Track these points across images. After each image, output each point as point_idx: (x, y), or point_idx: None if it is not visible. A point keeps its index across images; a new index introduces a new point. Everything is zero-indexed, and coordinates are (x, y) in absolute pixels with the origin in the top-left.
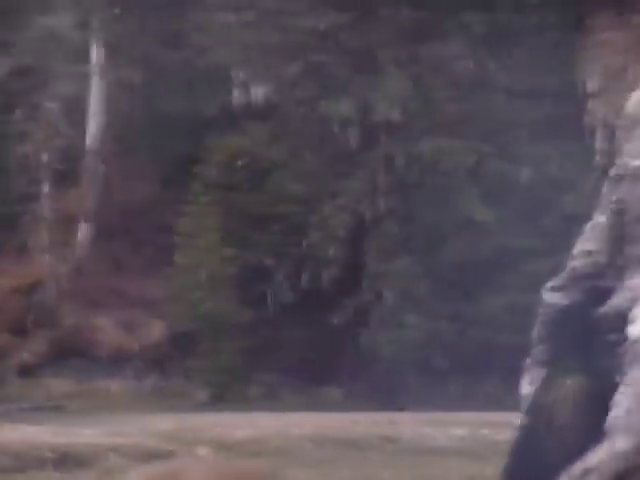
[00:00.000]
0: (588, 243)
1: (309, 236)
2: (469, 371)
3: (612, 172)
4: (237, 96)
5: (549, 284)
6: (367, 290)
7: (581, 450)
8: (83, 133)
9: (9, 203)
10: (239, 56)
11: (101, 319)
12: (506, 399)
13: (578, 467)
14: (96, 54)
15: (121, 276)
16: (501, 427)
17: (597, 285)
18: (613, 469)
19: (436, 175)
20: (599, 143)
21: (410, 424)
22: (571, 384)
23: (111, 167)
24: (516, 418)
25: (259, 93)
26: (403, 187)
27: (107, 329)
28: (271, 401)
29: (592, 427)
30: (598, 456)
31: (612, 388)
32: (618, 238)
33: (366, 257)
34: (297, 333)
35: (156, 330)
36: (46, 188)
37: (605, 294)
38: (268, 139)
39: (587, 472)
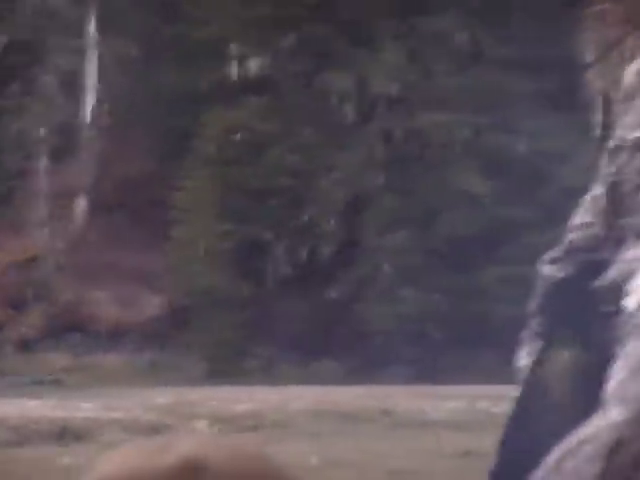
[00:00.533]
0: (585, 215)
1: (306, 210)
2: (465, 344)
3: (610, 144)
4: (233, 70)
5: (545, 256)
6: (364, 264)
7: (577, 422)
8: (80, 107)
9: (6, 178)
10: (235, 29)
11: (99, 293)
12: (502, 372)
13: (573, 438)
14: (92, 28)
15: (118, 250)
16: (497, 400)
17: (594, 258)
18: (608, 440)
19: (433, 148)
20: (597, 115)
21: (406, 397)
22: (567, 357)
23: (108, 141)
24: (512, 391)
25: (255, 66)
26: (400, 161)
27: (105, 303)
28: (268, 375)
29: (588, 399)
30: (593, 427)
31: (608, 361)
32: (615, 210)
33: (363, 231)
34: (295, 307)
35: (154, 304)
36: (43, 162)
37: (602, 267)
38: (264, 113)
39: (582, 443)
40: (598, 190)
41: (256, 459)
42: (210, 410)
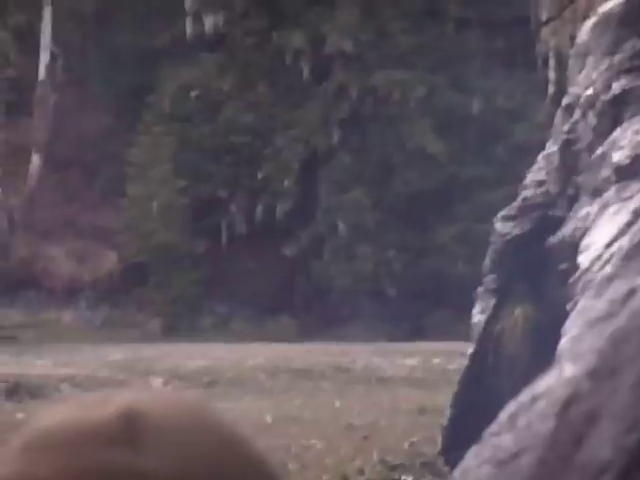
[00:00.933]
0: (540, 173)
1: (262, 168)
2: (421, 301)
3: (564, 102)
4: (189, 27)
5: (500, 214)
6: (320, 222)
7: (530, 377)
8: (35, 63)
9: None
10: None
11: (53, 250)
12: (457, 329)
13: (526, 394)
14: None
15: (73, 207)
16: (452, 356)
17: (548, 215)
18: (561, 395)
19: (389, 106)
20: (551, 73)
21: (362, 354)
22: (520, 313)
23: (63, 98)
24: (467, 347)
25: (210, 24)
26: (356, 119)
27: (59, 260)
28: (224, 332)
29: (541, 355)
30: (546, 382)
31: (562, 317)
32: (569, 168)
33: (319, 189)
34: (250, 264)
35: (109, 261)
36: None
37: (556, 224)
38: (220, 70)
39: (535, 399)
40: (553, 148)
41: (198, 411)
42: (165, 367)
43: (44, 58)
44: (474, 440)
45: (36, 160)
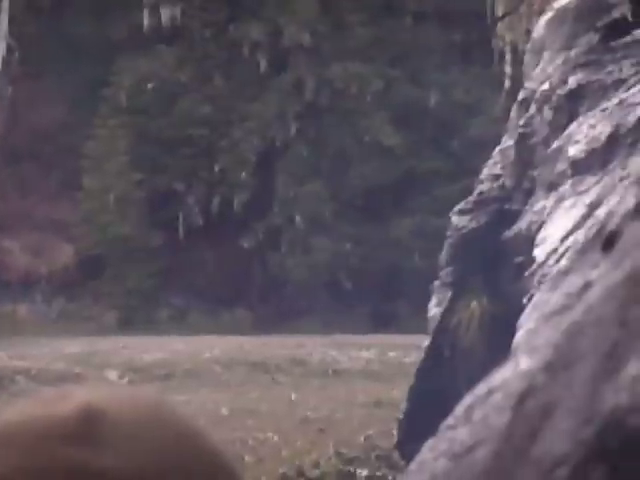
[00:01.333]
0: (496, 167)
1: (219, 160)
2: (377, 294)
3: (520, 96)
4: (145, 19)
5: (457, 207)
6: (277, 214)
7: (486, 371)
8: None
9: None
10: None
11: (9, 242)
12: (414, 322)
13: (482, 387)
14: None
15: (29, 199)
16: (408, 349)
17: (504, 208)
18: (517, 388)
19: (346, 99)
20: (507, 67)
21: (318, 347)
22: (476, 306)
23: (19, 90)
24: (423, 340)
25: (167, 16)
26: (313, 111)
27: (15, 253)
28: (180, 324)
29: (497, 348)
30: (502, 375)
31: (518, 310)
32: (525, 162)
33: (276, 181)
34: (207, 257)
35: (64, 254)
36: None
37: (512, 217)
38: (176, 62)
39: (491, 392)
40: (509, 142)
41: (154, 407)
42: (121, 360)
43: (0, 50)
44: (430, 433)
45: None
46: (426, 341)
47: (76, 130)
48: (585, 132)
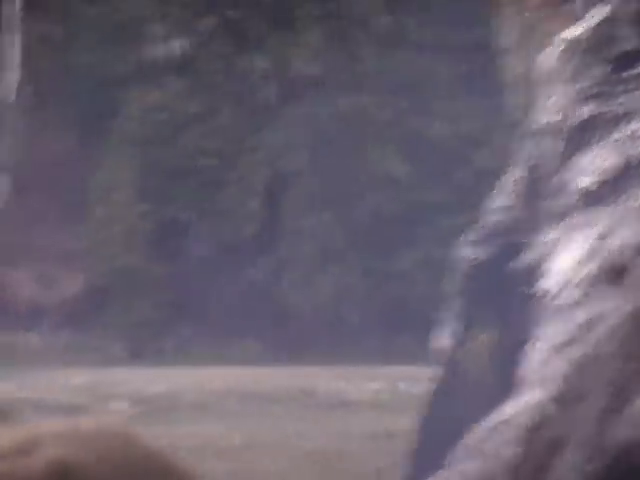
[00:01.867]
0: (503, 198)
1: (227, 191)
2: (385, 325)
3: (526, 128)
4: (154, 51)
5: (466, 238)
6: (285, 245)
7: (495, 403)
8: (2, 87)
9: None
10: (155, 10)
11: (17, 273)
12: (421, 353)
13: (492, 419)
14: (16, 7)
15: (38, 230)
16: (417, 380)
17: (511, 240)
18: (527, 420)
19: (354, 130)
20: (513, 99)
21: (326, 378)
22: (485, 338)
23: (30, 121)
24: (431, 372)
25: (175, 47)
26: (321, 142)
27: (23, 283)
28: (188, 355)
29: (506, 381)
30: (512, 408)
31: (526, 342)
32: (535, 193)
33: (285, 212)
34: (215, 288)
35: (72, 284)
36: None
37: (519, 249)
38: (185, 93)
39: (501, 424)
40: (516, 173)
41: (125, 449)
42: (128, 391)
43: (10, 81)
44: (440, 466)
45: (4, 182)
46: (435, 372)
47: (85, 161)
48: (596, 163)
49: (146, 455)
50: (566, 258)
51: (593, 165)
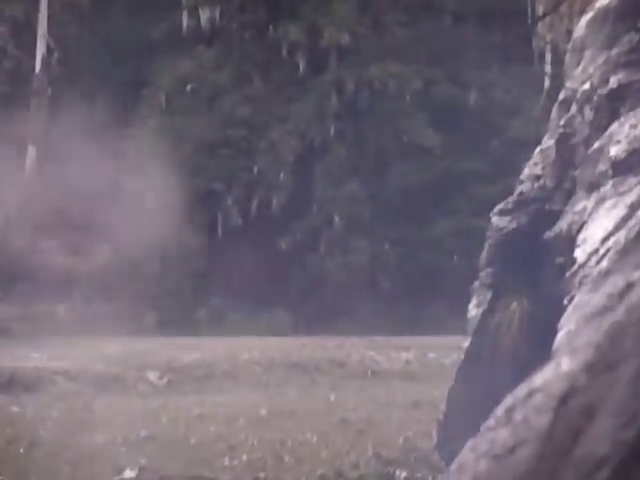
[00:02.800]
0: (536, 167)
1: (258, 161)
2: (416, 295)
3: (560, 96)
4: (185, 20)
5: (497, 208)
6: (315, 215)
7: (526, 372)
8: (32, 56)
9: None
10: None
11: (47, 242)
12: (453, 323)
13: (523, 388)
14: None
15: (69, 199)
16: (448, 350)
17: (545, 209)
18: (558, 389)
19: (385, 100)
20: (548, 67)
21: (357, 348)
22: (516, 307)
23: (58, 90)
24: (463, 341)
25: (206, 17)
26: (352, 112)
27: (54, 253)
28: (219, 325)
29: (538, 349)
30: (543, 377)
31: (559, 311)
32: (566, 162)
33: (314, 182)
34: (246, 258)
35: (104, 254)
36: None
37: (553, 218)
38: (216, 63)
39: (532, 393)
40: (549, 142)
41: None
42: (160, 360)
43: (40, 50)
44: (470, 435)
45: (32, 152)
46: (466, 342)
47: (115, 130)
48: (626, 132)
49: None
50: (597, 227)
51: (623, 134)
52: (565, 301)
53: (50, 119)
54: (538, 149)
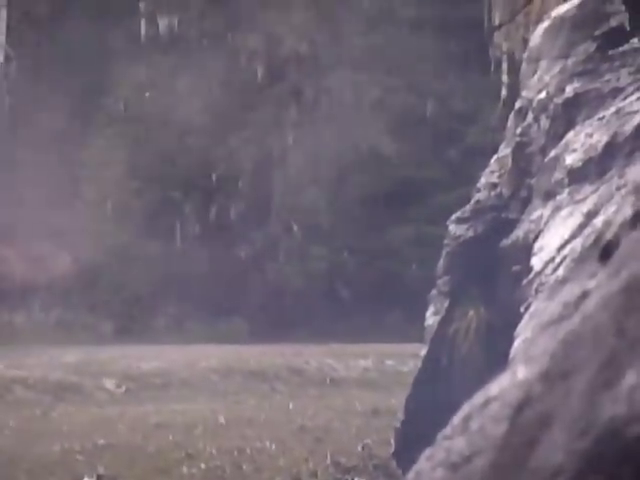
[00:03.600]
0: (493, 175)
1: (216, 169)
2: (375, 302)
3: (517, 105)
4: (143, 28)
5: (454, 216)
6: (274, 223)
7: (483, 380)
8: None
9: None
10: None
11: (6, 251)
12: (411, 331)
13: (479, 396)
14: None
15: (27, 208)
16: (405, 358)
17: (501, 217)
18: (514, 398)
19: (343, 108)
20: (504, 76)
21: (315, 355)
22: (473, 315)
23: (16, 99)
24: (420, 349)
25: (165, 25)
26: (310, 120)
27: (12, 261)
28: (177, 333)
29: (494, 357)
30: (499, 385)
31: (516, 319)
32: (522, 170)
33: (273, 190)
34: (204, 265)
35: (62, 263)
36: None
37: (509, 226)
38: (174, 71)
39: (488, 401)
40: (506, 150)
41: None
42: (118, 368)
43: None
44: (427, 443)
45: None
46: (423, 350)
47: (73, 139)
48: (582, 141)
49: None
50: (553, 236)
51: (579, 142)
52: (522, 309)
53: (8, 128)
54: (495, 157)
